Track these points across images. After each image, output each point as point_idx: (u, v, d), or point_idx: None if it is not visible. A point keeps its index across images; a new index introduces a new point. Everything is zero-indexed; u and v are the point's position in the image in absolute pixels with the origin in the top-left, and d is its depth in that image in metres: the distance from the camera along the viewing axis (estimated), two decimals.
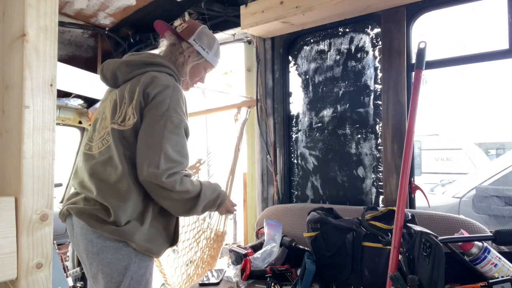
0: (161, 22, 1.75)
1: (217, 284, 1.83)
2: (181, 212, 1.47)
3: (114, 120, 1.47)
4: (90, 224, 1.38)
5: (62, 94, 2.84)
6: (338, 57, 2.27)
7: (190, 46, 1.68)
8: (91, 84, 2.89)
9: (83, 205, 1.41)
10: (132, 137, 1.42)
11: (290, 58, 2.48)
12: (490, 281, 1.16)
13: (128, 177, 1.38)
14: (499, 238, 1.30)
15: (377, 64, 2.12)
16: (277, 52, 2.49)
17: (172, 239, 1.56)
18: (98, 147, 1.49)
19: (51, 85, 0.78)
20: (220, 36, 2.65)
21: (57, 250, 3.05)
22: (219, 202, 1.52)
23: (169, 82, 1.48)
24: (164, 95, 1.42)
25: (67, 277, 3.06)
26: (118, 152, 1.40)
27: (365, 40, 2.17)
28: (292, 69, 2.48)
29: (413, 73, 1.59)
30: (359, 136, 2.19)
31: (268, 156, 2.49)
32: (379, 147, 2.12)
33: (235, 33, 2.59)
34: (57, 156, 0.80)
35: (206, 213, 1.83)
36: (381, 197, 2.12)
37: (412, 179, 1.92)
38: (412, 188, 1.75)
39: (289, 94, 2.49)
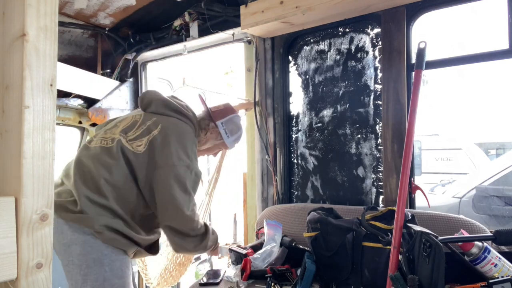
0: (201, 97, 1.97)
1: (217, 284, 1.83)
2: (187, 247, 1.58)
3: (125, 134, 1.57)
4: (60, 215, 1.43)
5: (62, 94, 2.84)
6: (338, 57, 2.27)
7: (216, 127, 1.88)
8: (91, 84, 2.89)
9: (56, 198, 1.45)
10: (136, 161, 1.51)
11: (290, 58, 2.48)
12: (490, 281, 1.16)
13: (120, 186, 1.48)
14: (499, 238, 1.30)
15: (377, 64, 2.12)
16: (277, 52, 2.49)
17: (150, 246, 1.66)
18: (97, 143, 1.57)
19: (51, 85, 0.78)
20: (220, 36, 2.66)
21: None
22: (212, 248, 1.72)
23: (187, 131, 1.65)
24: (179, 144, 1.55)
25: None
26: (120, 163, 1.49)
27: (365, 40, 2.17)
28: (292, 69, 2.48)
29: (413, 73, 1.59)
30: (359, 136, 2.19)
31: (267, 156, 2.49)
32: (379, 147, 2.12)
33: (234, 33, 2.59)
34: (57, 156, 0.80)
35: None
36: (381, 197, 2.12)
37: (412, 179, 1.92)
38: (412, 188, 1.75)
39: (289, 94, 2.49)
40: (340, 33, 2.27)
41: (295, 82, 2.47)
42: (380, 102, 2.10)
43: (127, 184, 1.50)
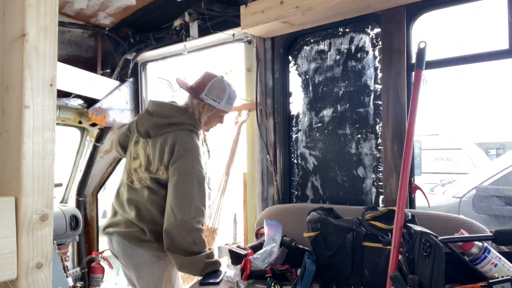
0: (179, 80, 2.05)
1: (217, 284, 1.83)
2: (183, 252, 1.82)
3: (149, 170, 1.91)
4: (132, 243, 1.87)
5: (62, 94, 2.84)
6: (338, 57, 2.27)
7: (202, 101, 1.96)
8: (91, 84, 2.89)
9: (124, 228, 1.90)
10: (161, 184, 1.90)
11: (290, 58, 2.48)
12: (490, 281, 1.16)
13: (155, 209, 1.89)
14: (499, 238, 1.30)
15: (377, 64, 2.12)
16: (277, 52, 2.49)
17: None
18: (137, 185, 1.95)
19: (51, 85, 0.78)
20: (220, 36, 2.66)
21: (57, 250, 3.04)
22: (205, 270, 1.86)
23: (190, 144, 1.87)
24: (189, 157, 1.83)
25: (67, 277, 3.06)
26: (149, 194, 1.90)
27: (365, 40, 2.17)
28: (292, 69, 2.48)
29: (413, 73, 1.59)
30: (359, 136, 2.19)
31: (268, 156, 2.49)
32: (379, 147, 2.12)
33: (234, 33, 2.59)
34: (57, 156, 0.80)
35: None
36: (381, 197, 2.12)
37: (412, 179, 1.92)
38: (412, 188, 1.75)
39: (289, 94, 2.49)
40: (340, 33, 2.27)
41: (295, 82, 2.47)
42: (380, 102, 2.10)
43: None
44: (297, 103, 2.45)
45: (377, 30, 2.12)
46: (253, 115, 2.52)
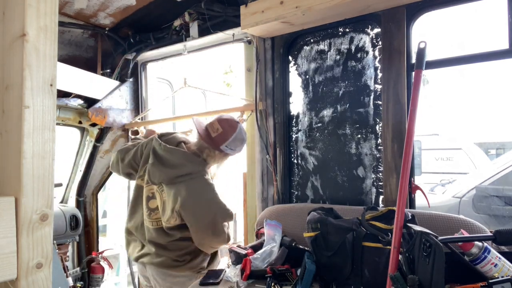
0: (197, 122, 2.13)
1: (217, 284, 1.83)
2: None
3: (163, 217, 2.04)
4: (167, 268, 2.05)
5: (62, 94, 2.84)
6: (338, 57, 2.27)
7: (221, 152, 2.04)
8: (91, 84, 2.89)
9: (155, 258, 2.06)
10: (174, 229, 2.04)
11: (290, 58, 2.48)
12: (490, 281, 1.16)
13: (174, 244, 2.08)
14: (499, 238, 1.30)
15: (377, 64, 2.12)
16: (277, 52, 2.49)
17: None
18: (153, 224, 2.09)
19: (51, 85, 0.78)
20: (220, 36, 2.66)
21: (57, 250, 3.05)
22: None
23: (203, 188, 2.01)
24: (202, 201, 1.99)
25: (67, 277, 3.06)
26: (164, 236, 2.07)
27: (365, 40, 2.17)
28: (292, 69, 2.48)
29: (413, 73, 1.59)
30: (359, 136, 2.19)
31: (267, 156, 2.48)
32: (379, 147, 2.12)
33: (234, 33, 2.59)
34: (57, 156, 0.80)
35: None
36: (381, 197, 2.12)
37: (412, 179, 1.92)
38: (412, 188, 1.75)
39: (289, 94, 2.49)
40: (340, 33, 2.27)
41: (295, 82, 2.47)
42: (380, 102, 2.10)
43: None
44: (297, 103, 2.45)
45: (377, 30, 2.12)
46: (253, 115, 2.52)
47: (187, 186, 1.96)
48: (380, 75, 2.10)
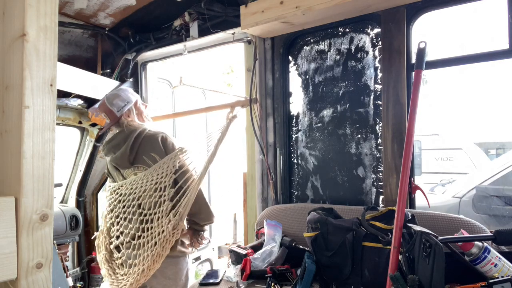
0: (99, 117, 2.47)
1: (217, 284, 1.83)
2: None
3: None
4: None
5: (62, 94, 2.84)
6: (338, 57, 2.27)
7: (122, 113, 2.10)
8: (91, 84, 2.89)
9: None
10: None
11: (290, 58, 2.48)
12: (490, 281, 1.16)
13: None
14: (499, 238, 1.30)
15: (377, 64, 2.12)
16: (277, 52, 2.49)
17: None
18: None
19: (51, 85, 0.78)
20: (220, 36, 2.65)
21: (57, 250, 3.04)
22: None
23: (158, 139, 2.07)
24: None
25: (67, 277, 3.05)
26: None
27: (365, 40, 2.17)
28: (292, 69, 2.48)
29: (413, 73, 1.59)
30: (359, 136, 2.19)
31: (261, 156, 2.48)
32: (379, 147, 2.12)
33: (234, 33, 2.58)
34: (57, 156, 0.80)
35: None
36: (381, 197, 2.12)
37: (412, 179, 1.92)
38: (412, 188, 1.75)
39: (289, 94, 2.49)
40: (340, 33, 2.27)
41: (295, 82, 2.47)
42: (380, 102, 2.10)
43: None
44: (297, 103, 2.45)
45: (377, 30, 2.12)
46: (251, 114, 2.50)
47: (140, 143, 2.02)
48: (380, 75, 2.10)
